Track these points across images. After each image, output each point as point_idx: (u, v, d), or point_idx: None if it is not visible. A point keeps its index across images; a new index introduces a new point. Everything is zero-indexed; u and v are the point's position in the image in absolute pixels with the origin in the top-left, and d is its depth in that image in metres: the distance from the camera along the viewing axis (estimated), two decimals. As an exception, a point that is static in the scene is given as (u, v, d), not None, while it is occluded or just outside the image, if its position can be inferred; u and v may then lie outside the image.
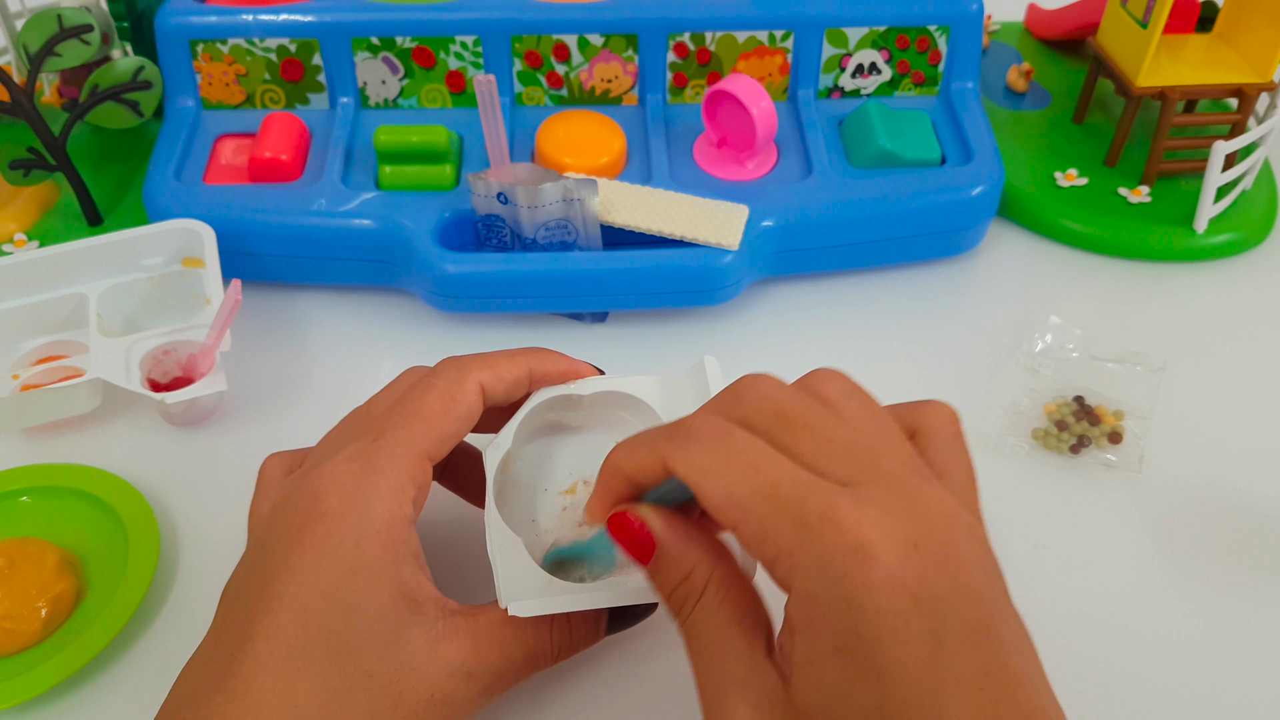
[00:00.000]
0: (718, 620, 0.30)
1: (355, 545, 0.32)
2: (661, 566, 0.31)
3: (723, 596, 0.30)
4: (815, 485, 0.27)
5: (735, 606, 0.30)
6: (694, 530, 0.31)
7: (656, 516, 0.31)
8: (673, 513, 0.31)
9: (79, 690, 0.40)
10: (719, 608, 0.30)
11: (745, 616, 0.30)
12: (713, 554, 0.31)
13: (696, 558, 0.30)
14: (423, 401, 0.35)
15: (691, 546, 0.31)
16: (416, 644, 0.32)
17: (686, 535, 0.31)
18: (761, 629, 0.30)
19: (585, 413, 0.41)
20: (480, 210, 0.52)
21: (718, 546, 0.31)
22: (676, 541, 0.31)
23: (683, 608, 0.31)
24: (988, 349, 0.53)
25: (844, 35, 0.58)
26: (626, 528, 0.31)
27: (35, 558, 0.41)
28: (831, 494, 0.27)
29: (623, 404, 0.40)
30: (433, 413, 0.35)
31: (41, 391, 0.46)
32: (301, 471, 0.36)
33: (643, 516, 0.31)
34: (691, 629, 0.30)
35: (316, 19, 0.56)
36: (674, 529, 0.31)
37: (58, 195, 0.59)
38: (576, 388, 0.39)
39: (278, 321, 0.55)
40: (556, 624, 0.35)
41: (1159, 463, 0.48)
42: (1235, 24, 0.60)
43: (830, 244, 0.55)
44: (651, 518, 0.31)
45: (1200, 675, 0.41)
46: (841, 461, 0.28)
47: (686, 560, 0.30)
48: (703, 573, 0.30)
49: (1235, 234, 0.58)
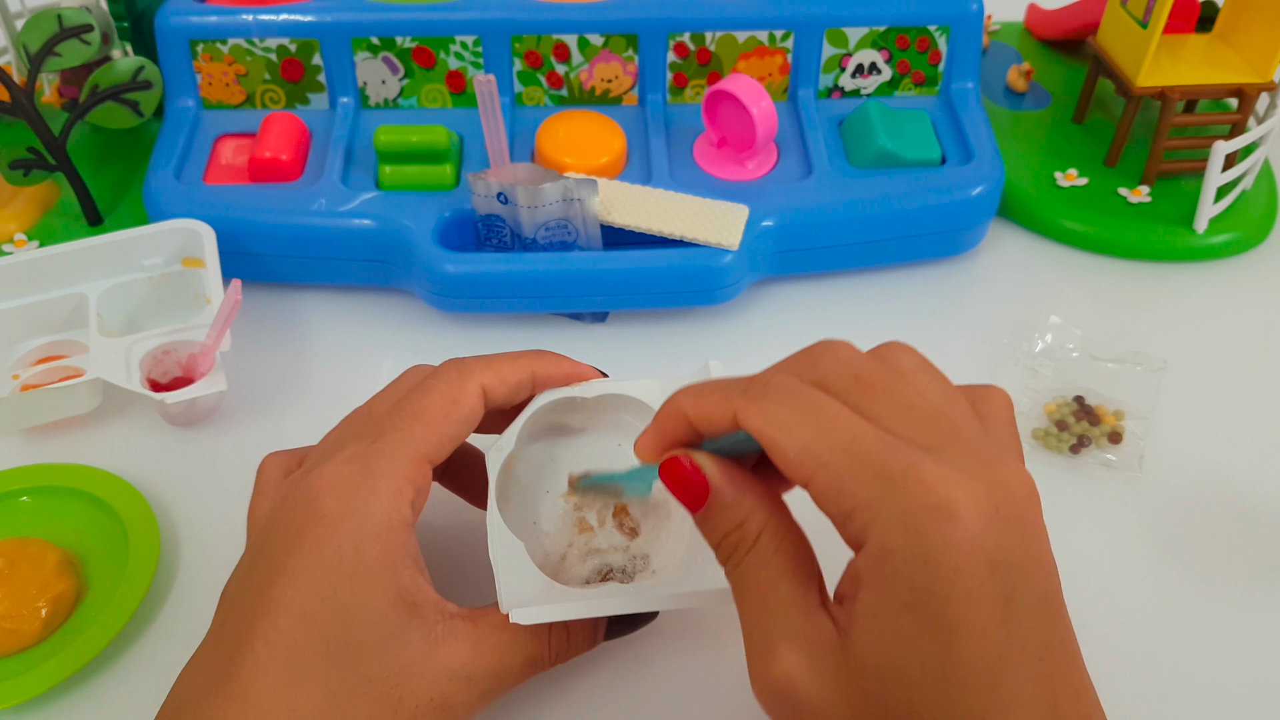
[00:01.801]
0: (771, 569, 0.29)
1: (354, 549, 0.32)
2: (714, 512, 0.30)
3: (777, 545, 0.30)
4: (897, 444, 0.27)
5: (789, 556, 0.30)
6: (750, 479, 0.31)
7: (713, 463, 0.31)
8: (729, 461, 0.31)
9: (79, 690, 0.40)
10: (772, 556, 0.29)
11: (799, 566, 0.29)
12: (769, 504, 0.30)
13: (752, 505, 0.30)
14: (423, 403, 0.35)
15: (747, 494, 0.30)
16: (416, 648, 0.32)
17: (743, 483, 0.30)
18: (815, 580, 0.30)
19: (588, 415, 0.41)
20: (480, 210, 0.52)
21: (774, 497, 0.31)
22: (732, 489, 0.30)
23: (733, 554, 0.30)
24: (988, 349, 0.53)
25: (844, 35, 0.58)
26: (680, 472, 0.31)
27: (35, 558, 0.41)
28: (915, 453, 0.27)
29: (626, 407, 0.40)
30: (433, 415, 0.35)
31: (42, 391, 0.46)
32: (300, 473, 0.36)
33: (699, 462, 0.31)
34: (742, 576, 0.30)
35: (316, 19, 0.56)
36: (730, 477, 0.30)
37: (58, 195, 0.59)
38: (580, 390, 0.39)
39: (278, 321, 0.55)
40: (555, 629, 0.35)
41: (1159, 462, 0.48)
42: (1235, 24, 0.60)
43: (830, 244, 0.55)
44: (708, 464, 0.30)
45: (1201, 674, 0.41)
46: (922, 426, 0.28)
47: (741, 508, 0.30)
48: (758, 520, 0.30)
49: (1235, 234, 0.58)
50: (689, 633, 0.41)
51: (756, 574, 0.30)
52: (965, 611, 0.25)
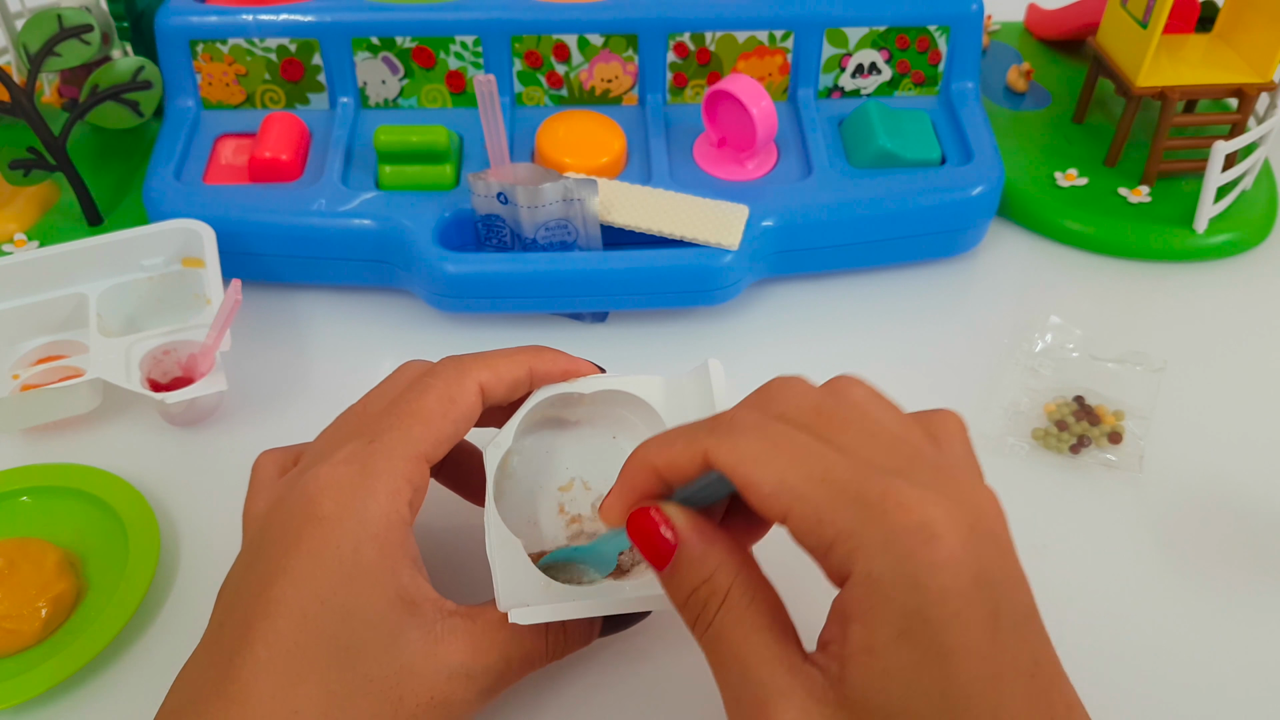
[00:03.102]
0: (746, 625, 0.28)
1: (353, 549, 0.32)
2: (681, 566, 0.30)
3: (750, 599, 0.29)
4: (869, 470, 0.27)
5: (762, 611, 0.29)
6: (718, 532, 0.30)
7: (682, 514, 0.30)
8: (697, 513, 0.31)
9: (79, 690, 0.40)
10: (745, 611, 0.29)
11: (774, 621, 0.29)
12: (737, 556, 0.30)
13: (720, 559, 0.29)
14: (420, 402, 0.35)
15: (715, 547, 0.30)
16: (415, 647, 0.32)
17: (711, 535, 0.30)
18: (791, 634, 0.29)
19: (586, 409, 0.41)
20: (480, 210, 0.52)
21: (742, 550, 0.30)
22: (700, 541, 0.30)
23: (703, 613, 0.29)
24: (988, 349, 0.53)
25: (844, 35, 0.58)
26: (647, 526, 0.30)
27: (35, 558, 0.41)
28: (887, 477, 0.27)
29: (625, 403, 0.40)
30: (430, 414, 0.35)
31: (42, 391, 0.46)
32: (296, 472, 0.36)
33: (668, 514, 0.30)
34: (715, 637, 0.29)
35: (316, 19, 0.56)
36: (699, 529, 0.30)
37: (58, 195, 0.59)
38: (578, 386, 0.38)
39: (278, 321, 0.55)
40: (553, 627, 0.35)
41: (1159, 462, 0.48)
42: (1235, 24, 0.60)
43: (830, 244, 0.55)
44: (677, 514, 0.30)
45: (1200, 674, 0.41)
46: (888, 452, 0.28)
47: (710, 561, 0.29)
48: (727, 573, 0.29)
49: (1235, 234, 0.58)
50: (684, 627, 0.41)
51: (731, 632, 0.29)
52: (959, 633, 0.25)
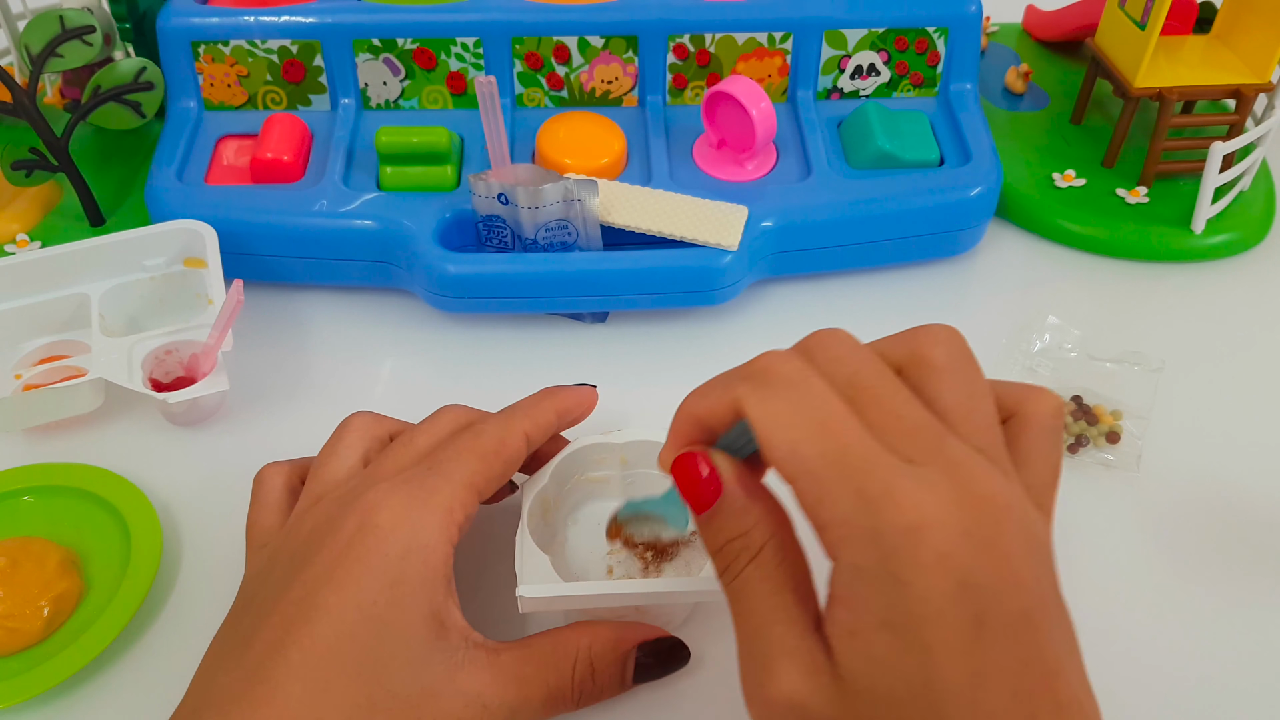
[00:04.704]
0: (772, 583, 0.29)
1: (400, 558, 0.33)
2: (719, 516, 0.30)
3: (780, 559, 0.29)
4: (880, 459, 0.27)
5: (790, 573, 0.29)
6: (762, 489, 0.30)
7: (729, 464, 0.30)
8: (743, 464, 0.30)
9: (80, 690, 0.40)
10: (774, 570, 0.29)
11: (799, 585, 0.29)
12: (776, 516, 0.30)
13: (760, 515, 0.29)
14: (478, 441, 0.38)
15: (757, 503, 0.30)
16: (438, 669, 0.33)
17: (754, 491, 0.30)
18: (811, 602, 0.29)
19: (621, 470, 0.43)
20: (481, 211, 0.52)
21: (782, 511, 0.30)
22: (742, 494, 0.29)
23: (733, 564, 0.29)
24: (986, 349, 0.53)
25: (843, 37, 0.58)
26: (690, 470, 0.30)
27: (37, 557, 0.41)
28: (894, 471, 0.26)
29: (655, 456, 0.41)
30: (486, 452, 0.37)
31: (44, 391, 0.46)
32: (348, 491, 0.37)
33: (715, 461, 0.30)
34: (740, 588, 0.29)
35: (318, 20, 0.56)
36: (743, 481, 0.30)
37: (60, 196, 0.59)
38: (611, 438, 0.41)
39: (279, 321, 0.55)
40: (579, 662, 0.35)
41: (1157, 462, 0.48)
42: (1233, 25, 0.61)
43: (829, 244, 0.55)
44: (724, 464, 0.30)
45: (1199, 674, 0.41)
46: (906, 438, 0.27)
47: (749, 515, 0.29)
48: (763, 531, 0.29)
49: (1233, 234, 0.58)
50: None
51: (756, 587, 0.29)
52: (939, 631, 0.25)
